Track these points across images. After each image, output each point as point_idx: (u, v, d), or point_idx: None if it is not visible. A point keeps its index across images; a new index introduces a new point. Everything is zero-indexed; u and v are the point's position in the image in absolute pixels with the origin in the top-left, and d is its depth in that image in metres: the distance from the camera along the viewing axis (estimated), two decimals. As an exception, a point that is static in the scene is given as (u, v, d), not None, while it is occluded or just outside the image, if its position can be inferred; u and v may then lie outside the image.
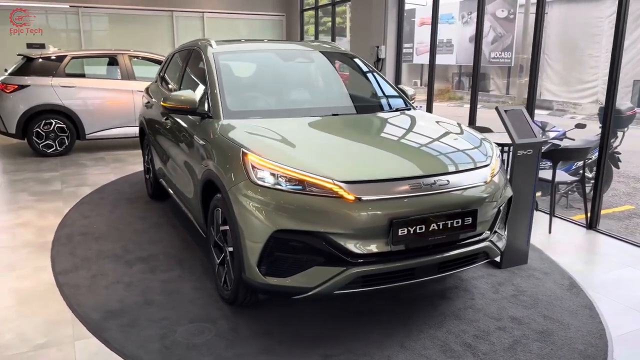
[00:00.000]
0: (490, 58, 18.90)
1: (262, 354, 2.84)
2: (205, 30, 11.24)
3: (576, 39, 16.97)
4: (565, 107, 16.93)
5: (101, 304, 3.36)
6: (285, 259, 2.82)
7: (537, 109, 14.33)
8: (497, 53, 18.87)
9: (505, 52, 18.50)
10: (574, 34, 17.10)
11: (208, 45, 4.26)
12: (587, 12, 16.85)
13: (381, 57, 7.93)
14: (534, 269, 3.95)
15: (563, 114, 16.20)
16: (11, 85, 7.74)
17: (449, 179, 2.98)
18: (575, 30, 17.08)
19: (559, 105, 17.07)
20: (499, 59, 18.93)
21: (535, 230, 4.82)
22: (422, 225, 2.84)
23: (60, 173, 6.97)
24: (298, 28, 11.50)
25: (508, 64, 18.74)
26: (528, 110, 5.40)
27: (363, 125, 3.75)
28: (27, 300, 3.46)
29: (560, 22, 17.67)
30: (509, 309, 3.35)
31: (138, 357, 2.80)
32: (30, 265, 3.99)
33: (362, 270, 2.81)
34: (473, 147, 3.39)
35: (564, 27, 17.56)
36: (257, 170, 2.90)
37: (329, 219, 2.76)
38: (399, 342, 2.96)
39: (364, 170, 2.95)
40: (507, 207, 3.48)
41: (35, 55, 7.97)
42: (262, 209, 2.82)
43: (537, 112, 6.13)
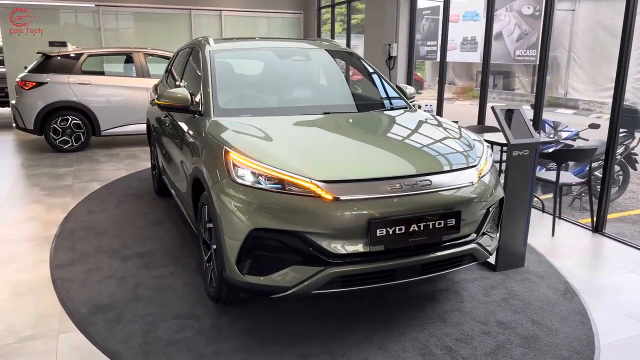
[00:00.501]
0: (515, 56, 18.55)
1: (241, 352, 2.85)
2: (223, 29, 11.33)
3: (604, 36, 16.51)
4: (592, 107, 16.50)
5: (91, 298, 3.42)
6: (263, 258, 2.82)
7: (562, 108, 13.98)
8: (522, 51, 18.49)
9: (530, 49, 18.11)
10: (603, 31, 16.64)
11: (206, 43, 4.29)
12: (616, 9, 16.37)
13: (393, 55, 7.85)
14: (530, 272, 3.87)
15: (589, 114, 15.79)
16: (30, 82, 7.94)
17: (431, 180, 2.93)
18: (603, 28, 16.62)
19: (585, 105, 16.65)
20: (524, 56, 18.54)
21: (539, 233, 4.73)
22: (401, 226, 2.80)
23: (73, 168, 7.12)
24: (315, 26, 11.49)
25: (533, 62, 18.35)
26: (536, 109, 5.31)
27: (352, 124, 3.72)
28: (21, 292, 3.55)
29: (588, 19, 17.23)
30: (498, 313, 3.28)
31: (118, 352, 2.84)
32: (30, 259, 4.09)
33: (341, 271, 2.79)
34: (461, 147, 3.33)
35: (592, 25, 17.12)
36: (238, 169, 2.91)
37: (307, 218, 2.75)
38: (379, 343, 2.93)
39: (343, 169, 2.92)
40: (499, 209, 3.42)
41: (53, 53, 8.15)
42: (241, 207, 2.83)
43: (562, 112, 6.00)
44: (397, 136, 3.60)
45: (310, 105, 3.96)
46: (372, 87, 4.39)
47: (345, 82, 4.49)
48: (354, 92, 4.35)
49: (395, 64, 7.91)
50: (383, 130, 3.71)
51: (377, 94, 4.33)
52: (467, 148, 3.32)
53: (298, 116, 3.68)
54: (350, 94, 4.29)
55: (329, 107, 3.86)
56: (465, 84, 21.64)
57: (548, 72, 18.78)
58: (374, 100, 4.28)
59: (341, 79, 4.50)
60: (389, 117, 3.94)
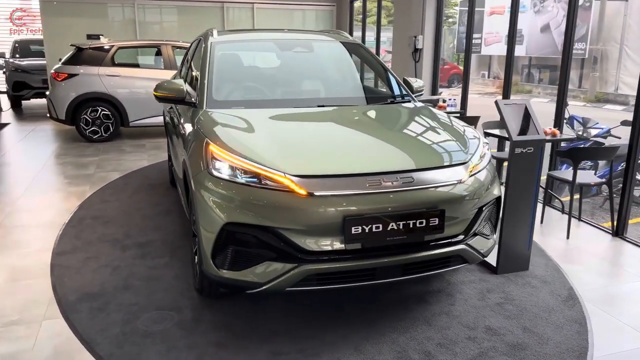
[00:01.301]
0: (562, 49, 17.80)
1: (213, 346, 2.82)
2: (255, 22, 11.35)
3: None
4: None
5: (82, 286, 3.47)
6: (238, 253, 2.78)
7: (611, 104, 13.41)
8: (571, 44, 17.71)
9: (579, 42, 17.32)
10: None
11: (209, 34, 4.27)
12: (673, -1, 15.41)
13: (418, 47, 7.64)
14: (534, 276, 3.67)
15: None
16: (62, 74, 8.20)
17: (414, 177, 2.80)
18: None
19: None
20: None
21: (553, 235, 4.50)
22: (379, 224, 2.69)
23: (99, 158, 7.31)
24: (347, 18, 11.34)
25: (582, 56, 17.55)
26: (559, 104, 5.03)
27: (343, 118, 3.62)
28: (18, 278, 3.64)
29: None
30: (489, 318, 3.12)
31: (94, 341, 2.86)
32: (34, 245, 4.20)
33: (315, 268, 2.71)
34: (453, 143, 3.18)
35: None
36: (216, 161, 2.87)
37: (280, 213, 2.68)
38: (356, 344, 2.83)
39: (319, 164, 2.83)
40: (496, 209, 3.25)
41: (85, 46, 8.38)
42: (216, 200, 2.79)
43: (610, 108, 5.69)
44: (386, 131, 3.48)
45: (305, 97, 3.88)
46: (379, 79, 4.26)
47: (347, 74, 4.36)
48: (353, 85, 4.23)
49: (421, 57, 7.69)
50: (373, 124, 3.59)
51: (379, 86, 4.20)
52: (460, 144, 3.16)
53: (290, 109, 3.61)
54: (349, 87, 4.18)
55: (325, 99, 3.77)
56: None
57: (595, 67, 17.82)
58: (374, 94, 4.16)
59: (343, 71, 4.38)
60: (384, 110, 3.81)
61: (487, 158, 3.24)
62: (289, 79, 4.16)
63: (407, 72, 8.13)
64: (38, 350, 2.80)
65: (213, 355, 2.74)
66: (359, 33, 10.59)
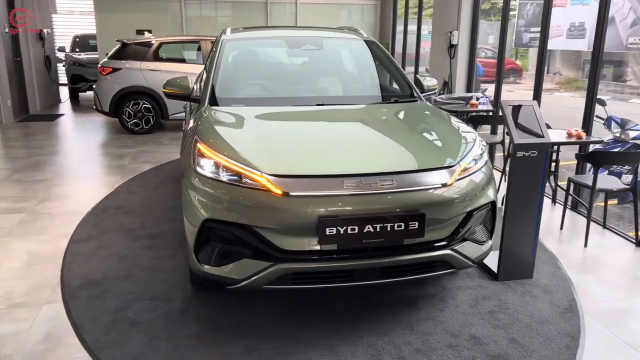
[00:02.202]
0: (627, 44, 16.77)
1: (192, 339, 2.89)
2: (298, 17, 11.41)
3: None
4: None
5: (87, 273, 3.64)
6: (217, 249, 2.83)
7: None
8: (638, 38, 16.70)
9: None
10: None
11: (223, 32, 4.35)
12: None
13: (454, 43, 7.44)
14: (537, 285, 3.52)
15: None
16: (107, 68, 8.57)
17: (394, 179, 2.75)
18: None
19: None
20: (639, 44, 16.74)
21: (571, 242, 4.31)
22: (354, 226, 2.67)
23: (136, 150, 7.61)
24: (391, 13, 11.19)
25: (647, 49, 16.48)
26: (588, 103, 4.80)
27: (337, 117, 3.59)
28: (33, 262, 3.87)
29: None
30: (476, 326, 3.03)
31: (84, 327, 3.00)
32: (55, 232, 4.44)
33: (290, 267, 2.73)
34: (442, 145, 3.09)
35: None
36: (201, 159, 2.94)
37: (257, 212, 2.71)
38: (331, 345, 2.83)
39: (297, 164, 2.84)
40: (492, 214, 3.14)
41: (129, 41, 8.72)
42: (198, 197, 2.86)
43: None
44: (375, 132, 3.43)
45: (305, 96, 3.88)
46: (386, 79, 4.20)
47: (354, 73, 4.31)
48: (359, 83, 4.18)
49: (456, 53, 7.49)
50: (365, 125, 3.54)
51: (385, 85, 4.14)
52: (450, 147, 3.07)
53: (288, 107, 3.62)
54: (354, 85, 4.14)
55: (325, 98, 3.76)
56: (570, 74, 19.98)
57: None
58: (378, 92, 4.10)
59: (350, 69, 4.34)
60: (382, 110, 3.76)
61: (482, 161, 3.13)
62: (294, 76, 4.17)
63: (443, 69, 7.95)
64: (32, 332, 2.97)
65: (189, 347, 2.82)
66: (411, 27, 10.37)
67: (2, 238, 4.33)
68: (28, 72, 10.73)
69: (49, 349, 2.82)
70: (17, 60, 10.37)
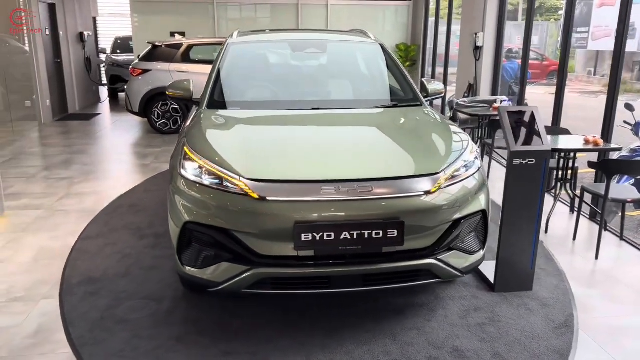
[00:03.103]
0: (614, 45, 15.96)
1: (172, 339, 2.92)
2: (329, 19, 11.40)
3: None
4: None
5: (88, 271, 3.75)
6: (198, 251, 2.86)
7: None
8: (690, 38, 15.83)
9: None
10: None
11: (231, 36, 4.40)
12: None
13: (479, 45, 7.25)
14: (536, 298, 3.38)
15: None
16: (138, 69, 8.81)
17: (372, 186, 2.71)
18: None
19: None
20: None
21: (583, 254, 4.13)
22: (330, 233, 2.64)
23: (161, 149, 7.78)
24: (423, 14, 11.03)
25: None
26: (608, 106, 4.59)
27: (328, 122, 3.56)
28: (41, 258, 4.01)
29: None
30: (462, 338, 2.94)
31: (73, 323, 3.08)
32: (67, 229, 4.59)
33: (267, 272, 2.73)
34: (428, 153, 3.01)
35: None
36: (186, 162, 2.97)
37: (235, 216, 2.72)
38: (308, 352, 2.80)
39: (276, 169, 2.83)
40: (483, 223, 3.05)
41: (159, 43, 8.93)
42: (181, 200, 2.89)
43: None
44: (362, 137, 3.39)
45: (301, 99, 3.86)
46: (385, 83, 4.13)
47: (356, 76, 4.25)
48: (358, 88, 4.13)
49: (481, 55, 7.30)
50: (354, 130, 3.50)
51: (387, 89, 4.07)
52: (436, 154, 2.99)
53: (283, 111, 3.62)
54: (353, 89, 4.09)
55: (321, 102, 3.74)
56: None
57: None
58: (377, 97, 4.04)
59: (352, 72, 4.29)
60: (376, 115, 3.71)
61: (474, 168, 3.04)
62: (293, 80, 4.17)
63: (470, 71, 7.77)
64: (24, 327, 3.08)
65: (169, 347, 2.85)
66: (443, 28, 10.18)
67: (18, 233, 4.51)
68: (68, 73, 11.17)
69: (36, 343, 2.92)
70: (58, 61, 10.80)
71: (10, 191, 5.66)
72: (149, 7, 11.38)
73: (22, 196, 5.51)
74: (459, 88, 8.25)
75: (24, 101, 9.99)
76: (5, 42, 9.83)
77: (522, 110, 3.34)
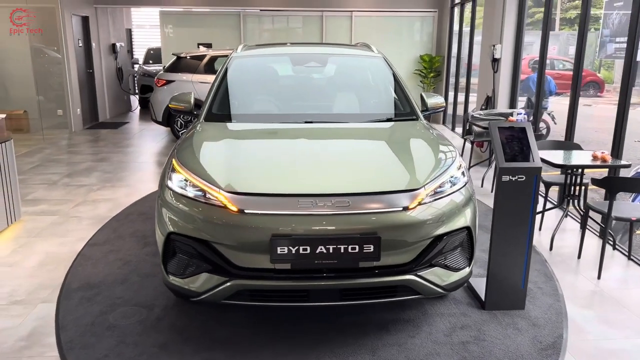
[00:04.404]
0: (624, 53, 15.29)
1: (156, 347, 2.99)
2: (353, 30, 11.45)
3: None
4: None
5: (88, 276, 3.87)
6: (181, 262, 2.93)
7: None
8: None
9: None
10: None
11: (235, 49, 4.49)
12: None
13: (496, 57, 7.16)
14: (527, 317, 3.31)
15: None
16: (162, 80, 9.06)
17: (349, 201, 2.72)
18: None
19: None
20: None
21: (586, 274, 4.01)
22: (306, 246, 2.66)
23: (180, 158, 7.94)
24: (448, 25, 10.95)
25: None
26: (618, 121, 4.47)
27: (315, 135, 3.59)
28: (47, 263, 4.17)
29: None
30: (442, 356, 2.90)
31: (65, 328, 3.19)
32: (77, 235, 4.75)
33: (244, 284, 2.78)
34: (410, 168, 3.00)
35: None
36: (172, 174, 3.05)
37: (215, 228, 2.78)
38: (285, 364, 2.83)
39: (254, 182, 2.87)
40: (468, 240, 3.01)
41: (183, 55, 9.16)
42: (166, 211, 2.97)
43: None
44: (346, 152, 3.41)
45: (295, 113, 3.91)
46: (382, 97, 4.14)
47: (353, 90, 4.25)
48: (355, 101, 4.14)
49: (499, 68, 7.20)
50: (340, 144, 3.52)
51: (383, 103, 4.08)
52: (419, 169, 2.97)
53: (275, 124, 3.68)
54: (349, 103, 4.10)
55: (314, 115, 3.78)
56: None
57: None
58: (372, 111, 4.05)
59: (350, 86, 4.29)
60: (366, 129, 3.75)
61: (460, 183, 3.02)
62: (290, 93, 4.22)
63: (488, 83, 7.67)
64: (19, 329, 3.20)
65: (152, 354, 2.92)
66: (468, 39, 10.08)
67: (31, 238, 4.70)
68: (99, 83, 11.56)
69: (27, 345, 3.04)
70: (90, 71, 11.20)
71: (31, 197, 5.90)
72: (177, 19, 11.70)
73: (41, 202, 5.74)
74: (480, 100, 8.15)
75: (56, 110, 10.41)
76: (45, 53, 10.28)
77: (513, 126, 3.29)
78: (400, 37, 11.63)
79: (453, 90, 10.78)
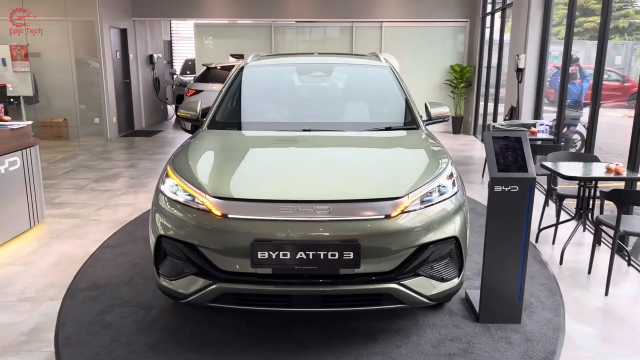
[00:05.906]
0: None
1: (146, 347, 3.07)
2: (383, 40, 11.46)
3: None
4: None
5: (96, 277, 4.02)
6: (170, 264, 3.01)
7: None
8: None
9: None
10: None
11: (247, 59, 4.60)
12: None
13: (520, 67, 7.02)
14: (521, 331, 3.23)
15: None
16: (191, 90, 9.33)
17: (330, 208, 2.74)
18: None
19: None
20: None
21: (594, 289, 3.88)
22: (286, 252, 2.70)
23: (205, 166, 8.12)
24: (479, 35, 10.82)
25: None
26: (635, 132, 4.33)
27: (308, 143, 3.63)
28: (61, 263, 4.35)
29: None
30: (426, 367, 2.87)
31: (64, 325, 3.33)
32: (93, 238, 4.94)
33: (228, 287, 2.83)
34: (397, 176, 3.00)
35: None
36: (165, 179, 3.15)
37: (201, 232, 2.85)
38: (267, 369, 2.86)
39: (238, 188, 2.94)
40: (457, 249, 2.98)
41: (212, 65, 9.40)
42: (157, 215, 3.07)
43: None
44: (334, 160, 3.43)
45: (294, 121, 3.96)
46: (384, 106, 4.14)
47: (356, 99, 4.27)
48: (356, 110, 4.15)
49: (523, 78, 7.06)
50: (330, 152, 3.55)
51: (384, 112, 4.08)
52: (405, 178, 2.97)
53: (274, 132, 3.74)
54: (349, 112, 4.11)
55: (313, 124, 3.82)
56: None
57: None
58: (371, 119, 4.06)
59: (353, 95, 4.31)
60: (361, 138, 3.76)
61: (449, 192, 2.99)
62: (292, 102, 4.28)
63: (514, 93, 7.53)
64: (23, 325, 3.36)
65: (141, 354, 3.01)
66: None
67: (51, 239, 4.91)
68: (136, 92, 11.97)
69: (27, 340, 3.18)
70: (127, 81, 11.63)
71: (58, 200, 6.17)
72: (211, 30, 12.01)
73: (66, 205, 5.99)
74: (506, 110, 8.01)
75: (94, 118, 10.85)
76: (88, 64, 10.75)
77: (508, 136, 3.24)
78: (431, 47, 11.56)
79: (483, 100, 10.62)
